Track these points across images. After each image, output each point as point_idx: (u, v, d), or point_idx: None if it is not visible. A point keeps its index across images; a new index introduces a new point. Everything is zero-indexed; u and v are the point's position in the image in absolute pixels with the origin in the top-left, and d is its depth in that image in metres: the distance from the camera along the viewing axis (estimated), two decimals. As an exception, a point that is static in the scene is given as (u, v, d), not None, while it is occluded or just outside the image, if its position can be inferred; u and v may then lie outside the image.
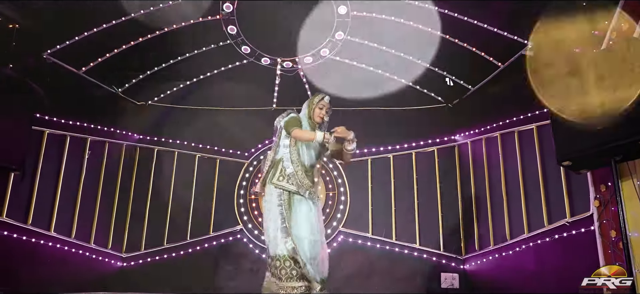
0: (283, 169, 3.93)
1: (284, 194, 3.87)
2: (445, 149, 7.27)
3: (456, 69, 6.72)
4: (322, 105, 4.18)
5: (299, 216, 3.83)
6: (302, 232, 3.78)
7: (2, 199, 5.54)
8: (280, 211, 3.83)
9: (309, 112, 4.14)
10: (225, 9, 6.02)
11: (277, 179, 3.91)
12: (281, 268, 3.81)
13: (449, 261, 6.92)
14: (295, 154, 3.97)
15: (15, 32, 5.49)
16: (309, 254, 3.77)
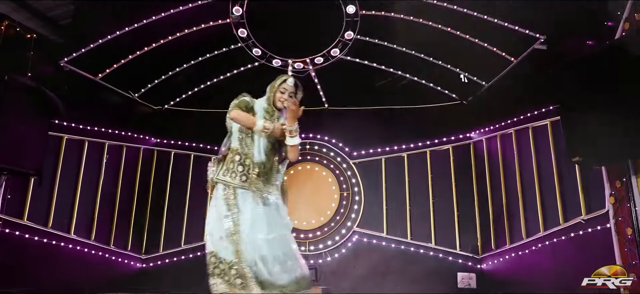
0: (231, 161, 3.47)
1: (228, 190, 3.40)
2: (460, 147, 7.18)
3: (470, 65, 6.62)
4: (283, 88, 3.60)
5: (245, 215, 3.32)
6: (256, 233, 3.29)
7: (23, 203, 5.72)
8: (225, 209, 3.35)
9: (270, 96, 3.61)
10: (235, 12, 6.07)
11: (222, 173, 3.46)
12: (224, 272, 3.27)
13: (465, 261, 6.83)
14: (245, 145, 3.49)
15: (33, 42, 5.67)
16: (257, 254, 3.26)
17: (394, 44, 6.51)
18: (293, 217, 7.01)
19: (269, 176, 3.46)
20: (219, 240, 3.31)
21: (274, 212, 3.43)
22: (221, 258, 3.28)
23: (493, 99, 6.75)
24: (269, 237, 3.32)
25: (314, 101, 7.44)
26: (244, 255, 3.25)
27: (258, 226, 3.32)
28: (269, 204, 3.42)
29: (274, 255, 3.30)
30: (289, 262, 3.35)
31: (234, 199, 3.37)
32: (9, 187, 5.47)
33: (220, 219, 3.34)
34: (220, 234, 3.31)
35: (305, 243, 7.15)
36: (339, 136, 7.48)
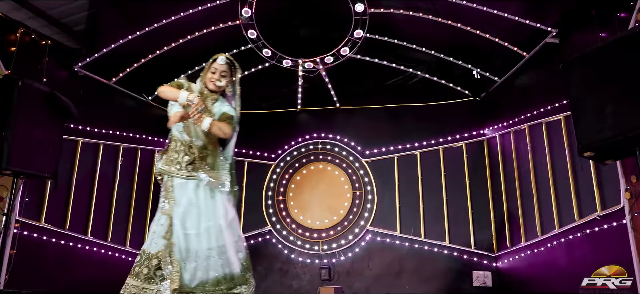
0: (173, 150, 3.32)
1: (168, 180, 3.26)
2: (474, 143, 7.10)
3: (482, 61, 6.55)
4: (214, 68, 3.43)
5: (179, 209, 3.17)
6: (186, 227, 3.14)
7: (40, 206, 5.86)
8: (162, 201, 3.23)
9: (203, 76, 3.48)
10: (244, 13, 6.12)
11: (163, 163, 3.31)
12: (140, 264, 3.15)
13: (480, 259, 6.74)
14: (183, 131, 3.32)
15: (48, 48, 5.80)
16: (184, 252, 3.12)
17: (404, 41, 6.48)
18: (306, 216, 7.16)
19: (213, 164, 3.30)
20: (153, 234, 3.17)
21: (212, 203, 3.24)
22: (148, 253, 3.13)
23: (506, 95, 6.66)
24: (198, 231, 3.16)
25: (325, 100, 7.46)
26: (173, 249, 3.10)
27: (189, 219, 3.16)
28: (213, 195, 3.25)
29: (198, 250, 3.14)
30: (213, 258, 3.16)
31: (171, 190, 3.22)
32: (26, 191, 5.60)
33: (158, 216, 3.22)
34: (154, 229, 3.19)
35: (318, 242, 7.17)
36: (351, 135, 7.48)
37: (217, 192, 3.29)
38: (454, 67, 6.76)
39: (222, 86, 3.43)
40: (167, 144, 3.42)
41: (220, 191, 3.29)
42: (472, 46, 6.34)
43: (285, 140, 7.56)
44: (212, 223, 3.21)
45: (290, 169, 7.49)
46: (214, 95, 3.44)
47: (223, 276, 3.21)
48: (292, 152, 7.54)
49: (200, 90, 3.43)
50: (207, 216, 3.21)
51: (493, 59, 6.41)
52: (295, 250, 7.18)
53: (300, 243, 7.19)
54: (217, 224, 3.22)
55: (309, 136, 7.58)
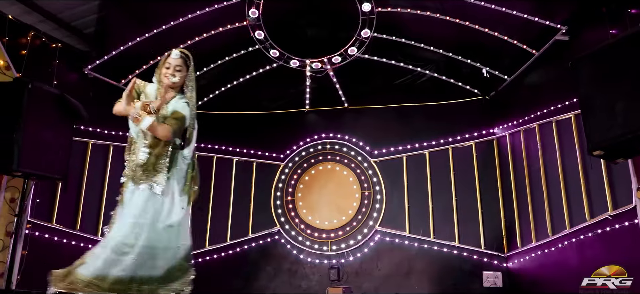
0: (127, 152, 3.36)
1: (125, 183, 3.27)
2: (483, 143, 7.04)
3: (491, 59, 6.50)
4: (168, 64, 3.34)
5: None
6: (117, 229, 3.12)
7: (51, 207, 5.94)
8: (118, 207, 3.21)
9: (157, 73, 3.40)
10: (251, 14, 6.13)
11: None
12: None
13: (490, 259, 6.68)
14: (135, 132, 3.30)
15: (58, 51, 5.87)
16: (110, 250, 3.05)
17: (412, 40, 6.46)
18: (315, 217, 7.15)
19: (156, 163, 3.18)
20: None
21: (145, 202, 3.13)
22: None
23: (515, 93, 6.60)
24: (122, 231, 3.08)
25: (333, 100, 7.45)
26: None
27: (120, 220, 3.13)
28: (153, 193, 3.14)
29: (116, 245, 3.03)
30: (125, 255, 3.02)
31: (123, 194, 3.21)
32: (37, 192, 5.68)
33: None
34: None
35: (327, 242, 7.16)
36: (359, 135, 7.46)
37: (163, 190, 3.17)
38: (462, 65, 6.72)
39: (177, 82, 3.30)
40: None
41: (162, 189, 3.16)
42: (480, 44, 6.29)
43: (293, 140, 7.56)
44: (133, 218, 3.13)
45: (299, 169, 7.49)
46: (171, 92, 3.34)
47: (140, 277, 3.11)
48: (301, 153, 7.53)
49: (157, 87, 3.36)
50: (139, 214, 3.13)
51: (502, 57, 6.36)
52: (304, 250, 7.17)
53: (309, 243, 7.19)
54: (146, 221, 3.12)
55: (317, 136, 7.57)
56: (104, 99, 6.48)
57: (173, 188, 3.22)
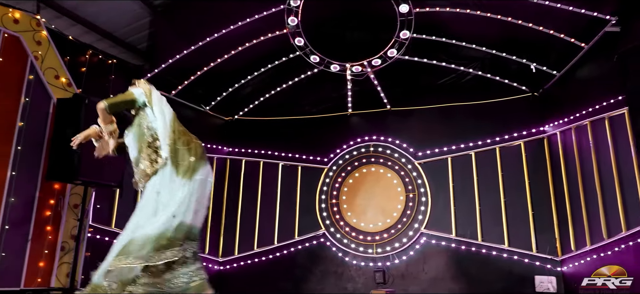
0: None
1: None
2: (533, 141, 6.78)
3: (538, 55, 6.25)
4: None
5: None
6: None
7: (110, 212, 6.40)
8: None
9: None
10: (290, 22, 6.29)
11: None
12: None
13: (543, 263, 6.41)
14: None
15: (113, 66, 6.32)
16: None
17: (453, 39, 6.35)
18: (360, 220, 7.19)
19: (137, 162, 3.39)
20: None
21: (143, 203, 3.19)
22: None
23: (566, 89, 6.32)
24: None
25: (375, 102, 7.47)
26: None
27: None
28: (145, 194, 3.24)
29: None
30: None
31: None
32: (98, 198, 6.14)
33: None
34: None
35: (372, 245, 7.18)
36: (402, 137, 7.41)
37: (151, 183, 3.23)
38: (509, 62, 6.52)
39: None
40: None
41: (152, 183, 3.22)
42: (526, 40, 6.09)
43: (337, 144, 7.65)
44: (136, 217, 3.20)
45: (343, 172, 7.56)
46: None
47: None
48: (344, 156, 7.61)
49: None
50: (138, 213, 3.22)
51: (550, 52, 6.12)
52: (349, 253, 7.24)
53: (354, 245, 7.24)
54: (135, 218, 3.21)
55: (360, 139, 7.61)
56: (157, 110, 6.97)
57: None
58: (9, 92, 5.25)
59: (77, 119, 5.26)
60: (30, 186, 5.38)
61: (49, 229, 5.50)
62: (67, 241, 5.69)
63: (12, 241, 5.14)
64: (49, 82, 5.59)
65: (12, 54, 5.31)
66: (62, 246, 5.63)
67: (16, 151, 5.24)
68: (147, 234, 3.01)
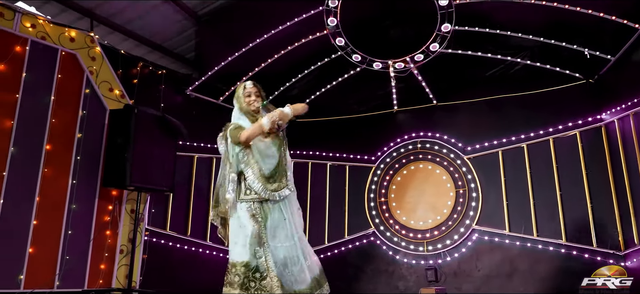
0: (247, 183, 3.56)
1: (254, 205, 3.53)
2: (590, 130, 6.41)
3: (589, 39, 5.93)
4: (247, 93, 3.75)
5: (272, 223, 3.51)
6: (276, 241, 3.48)
7: (165, 216, 6.68)
8: (252, 222, 3.48)
9: (241, 107, 3.77)
10: (330, 23, 6.32)
11: (244, 194, 3.56)
12: (246, 277, 3.39)
13: (605, 258, 6.04)
14: (254, 163, 3.58)
15: (163, 77, 6.61)
16: (282, 262, 3.45)
17: (497, 28, 6.14)
18: (409, 217, 7.10)
19: (283, 169, 3.66)
20: (255, 254, 3.41)
21: (295, 214, 3.64)
22: (255, 270, 3.39)
23: (623, 74, 5.94)
24: (300, 243, 3.58)
25: (421, 98, 7.35)
26: (278, 266, 3.40)
27: (287, 233, 3.53)
28: (291, 204, 3.66)
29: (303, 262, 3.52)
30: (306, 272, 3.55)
31: (263, 212, 3.51)
32: (152, 203, 6.43)
33: (251, 233, 3.45)
34: (255, 248, 3.43)
35: (422, 242, 7.07)
36: (450, 132, 7.25)
37: (291, 200, 3.77)
38: (560, 49, 6.21)
39: (258, 105, 3.73)
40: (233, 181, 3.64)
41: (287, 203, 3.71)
42: (575, 25, 5.80)
43: (384, 141, 7.59)
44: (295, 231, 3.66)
45: (391, 170, 7.50)
46: (256, 116, 3.73)
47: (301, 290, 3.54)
48: (392, 153, 7.54)
49: (249, 119, 3.72)
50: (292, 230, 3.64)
51: (602, 35, 5.78)
52: (399, 251, 7.16)
53: (404, 244, 7.15)
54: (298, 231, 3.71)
55: (407, 135, 7.51)
56: (206, 117, 7.21)
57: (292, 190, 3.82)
58: (68, 106, 5.62)
59: (128, 128, 5.57)
60: (90, 193, 5.73)
61: (108, 234, 5.83)
62: (125, 245, 5.99)
63: (75, 244, 5.49)
64: (103, 94, 5.93)
65: (69, 71, 5.68)
66: (120, 249, 5.95)
67: (76, 161, 5.59)
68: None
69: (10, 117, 5.11)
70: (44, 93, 5.45)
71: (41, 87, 5.43)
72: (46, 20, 5.50)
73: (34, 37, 5.40)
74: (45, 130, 5.39)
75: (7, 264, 4.94)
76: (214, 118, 7.40)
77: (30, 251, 5.12)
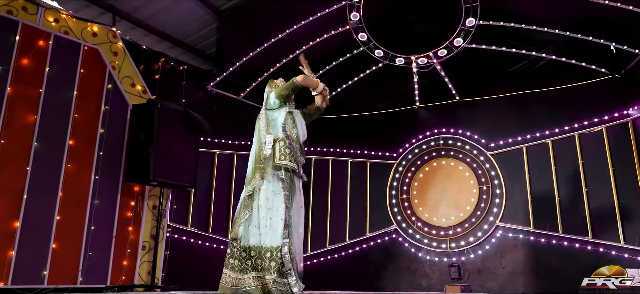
0: (282, 147, 3.65)
1: (286, 175, 3.61)
2: (616, 126, 6.31)
3: (616, 33, 5.84)
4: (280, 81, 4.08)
5: (296, 203, 3.62)
6: (299, 219, 3.63)
7: (186, 212, 6.64)
8: (284, 195, 3.52)
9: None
10: (353, 18, 6.27)
11: (279, 158, 3.59)
12: (272, 259, 3.42)
13: (633, 256, 5.94)
14: (291, 127, 3.76)
15: (184, 73, 6.57)
16: (299, 246, 3.58)
17: (523, 23, 6.06)
18: (431, 214, 7.04)
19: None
20: (282, 235, 3.46)
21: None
22: (278, 250, 3.44)
23: (652, 68, 5.85)
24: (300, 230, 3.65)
25: (443, 94, 7.29)
26: (293, 241, 3.50)
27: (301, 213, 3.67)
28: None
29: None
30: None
31: (291, 187, 3.61)
32: (174, 199, 6.39)
33: (283, 211, 3.51)
34: (283, 228, 3.49)
35: (445, 240, 6.99)
36: (473, 128, 7.18)
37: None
38: (585, 44, 6.12)
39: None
40: (265, 143, 3.72)
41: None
42: (602, 19, 5.72)
43: (406, 138, 7.53)
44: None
45: (413, 166, 7.43)
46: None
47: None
48: (414, 150, 7.47)
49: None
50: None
51: (630, 29, 5.68)
52: (422, 248, 7.09)
53: (427, 241, 7.08)
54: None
55: (429, 132, 7.44)
56: (227, 113, 7.18)
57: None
58: (90, 101, 5.60)
59: (151, 123, 5.54)
60: (112, 188, 5.71)
61: (130, 230, 5.80)
62: (148, 241, 5.97)
63: (98, 240, 5.46)
64: (125, 90, 5.90)
65: (92, 65, 5.67)
66: (143, 245, 5.92)
67: (98, 156, 5.57)
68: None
69: (33, 112, 5.10)
70: (67, 88, 5.44)
71: (64, 81, 5.42)
72: (69, 15, 5.49)
73: (57, 32, 5.39)
74: (68, 125, 5.37)
75: (31, 259, 4.92)
76: (235, 114, 7.46)
77: (54, 246, 5.10)
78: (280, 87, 3.82)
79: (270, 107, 3.83)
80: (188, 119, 5.85)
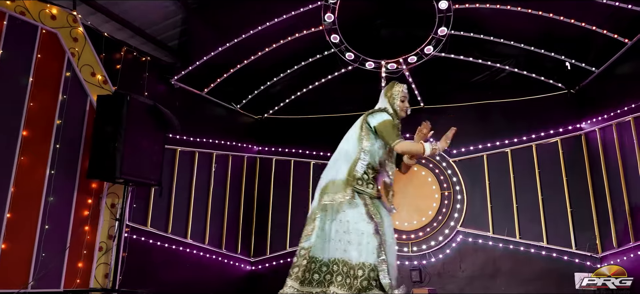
0: (366, 174, 3.53)
1: (367, 199, 3.45)
2: (570, 138, 6.71)
3: (576, 51, 6.21)
4: (403, 97, 3.65)
5: (385, 222, 3.53)
6: (390, 239, 3.50)
7: (146, 211, 6.28)
8: (369, 216, 3.35)
9: (393, 105, 3.64)
10: (327, 19, 6.22)
11: (358, 184, 3.46)
12: (364, 278, 3.19)
13: (583, 260, 6.34)
14: (375, 157, 3.59)
15: (147, 64, 6.21)
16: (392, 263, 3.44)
17: (491, 35, 6.30)
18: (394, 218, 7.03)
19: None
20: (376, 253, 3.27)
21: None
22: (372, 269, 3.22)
23: (606, 86, 6.25)
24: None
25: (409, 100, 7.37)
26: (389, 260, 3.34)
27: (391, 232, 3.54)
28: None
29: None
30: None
31: (376, 208, 3.49)
32: (133, 198, 6.02)
33: (373, 229, 3.33)
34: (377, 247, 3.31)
35: (407, 243, 7.10)
36: (437, 135, 7.27)
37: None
38: (545, 59, 6.46)
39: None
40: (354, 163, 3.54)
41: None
42: (564, 36, 6.06)
43: (370, 142, 7.56)
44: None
45: (376, 171, 7.47)
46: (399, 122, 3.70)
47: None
48: (378, 154, 7.52)
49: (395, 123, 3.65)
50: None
51: (588, 48, 6.06)
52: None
53: (389, 244, 7.14)
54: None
55: (394, 137, 7.51)
56: (189, 109, 6.87)
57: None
58: (47, 89, 5.13)
59: (119, 116, 5.15)
60: (69, 184, 5.26)
61: (87, 229, 5.38)
62: (105, 241, 5.57)
63: (52, 241, 5.01)
64: (85, 79, 5.49)
65: (49, 51, 5.20)
66: (100, 246, 5.52)
67: (54, 149, 5.12)
68: None
69: (-17, 99, 4.62)
70: (22, 74, 4.93)
71: (19, 67, 4.92)
72: (26, -6, 5.01)
73: (12, 12, 4.89)
74: (22, 115, 4.87)
75: (-23, 261, 4.46)
76: (198, 110, 7.16)
77: (3, 247, 4.61)
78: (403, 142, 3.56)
79: (377, 132, 3.56)
80: (157, 113, 5.52)
